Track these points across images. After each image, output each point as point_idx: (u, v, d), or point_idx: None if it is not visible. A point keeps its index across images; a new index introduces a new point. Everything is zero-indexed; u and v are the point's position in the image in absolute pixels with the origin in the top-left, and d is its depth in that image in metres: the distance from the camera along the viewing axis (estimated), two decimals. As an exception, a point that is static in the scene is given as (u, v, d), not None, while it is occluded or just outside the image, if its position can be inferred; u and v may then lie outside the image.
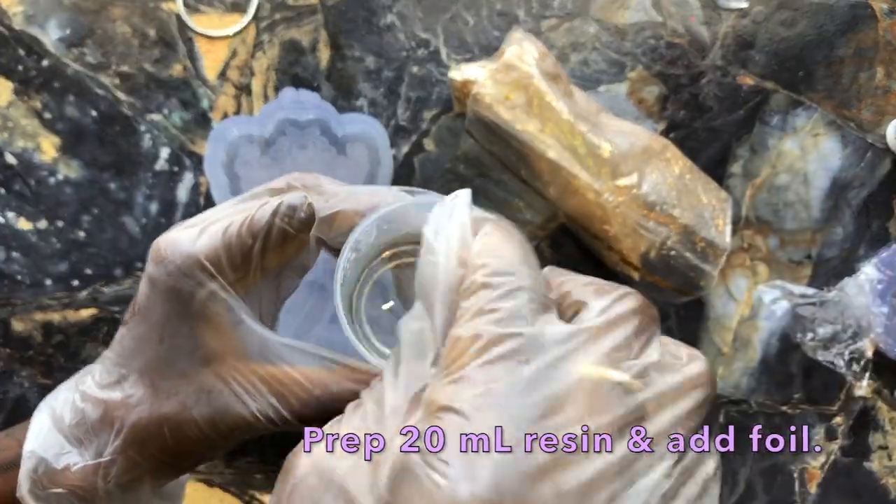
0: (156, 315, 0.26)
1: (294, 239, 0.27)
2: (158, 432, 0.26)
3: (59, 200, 0.51)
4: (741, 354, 0.52)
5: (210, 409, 0.26)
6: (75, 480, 0.26)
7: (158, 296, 0.26)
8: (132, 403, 0.26)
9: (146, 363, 0.26)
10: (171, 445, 0.26)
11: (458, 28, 0.53)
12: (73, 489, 0.26)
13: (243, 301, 0.27)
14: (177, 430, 0.26)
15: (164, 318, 0.26)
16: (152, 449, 0.26)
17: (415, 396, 0.19)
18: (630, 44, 0.54)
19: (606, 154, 0.46)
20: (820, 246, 0.53)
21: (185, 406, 0.26)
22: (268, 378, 0.26)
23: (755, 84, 0.54)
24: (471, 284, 0.19)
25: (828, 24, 0.55)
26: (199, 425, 0.26)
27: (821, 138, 0.54)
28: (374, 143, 0.49)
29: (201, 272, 0.25)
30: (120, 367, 0.27)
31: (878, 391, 0.52)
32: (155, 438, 0.26)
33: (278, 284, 0.29)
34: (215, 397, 0.26)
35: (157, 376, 0.26)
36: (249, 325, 0.26)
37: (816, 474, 0.52)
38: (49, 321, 0.51)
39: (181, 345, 0.26)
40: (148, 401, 0.26)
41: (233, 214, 0.27)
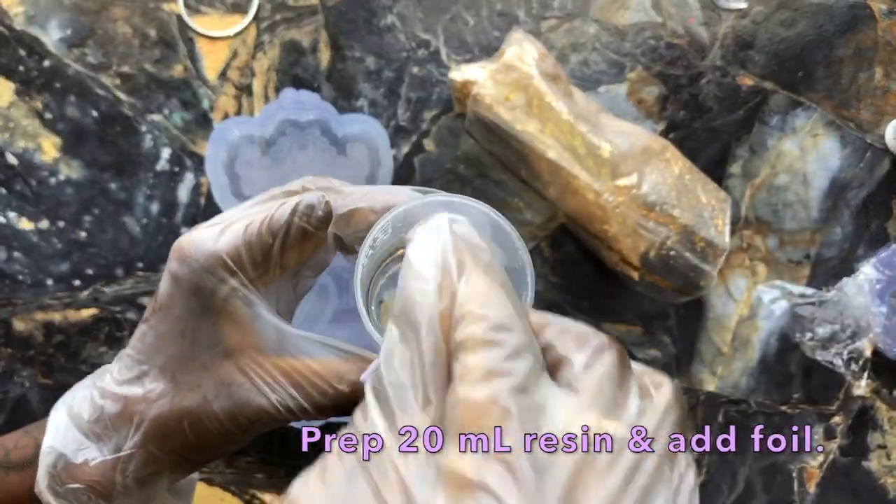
0: (178, 311, 0.27)
1: (312, 236, 0.27)
2: (178, 426, 0.26)
3: (59, 201, 0.51)
4: (740, 354, 0.52)
5: (230, 402, 0.26)
6: (94, 475, 0.27)
7: (181, 293, 0.27)
8: (152, 398, 0.26)
9: (168, 358, 0.27)
10: (191, 440, 0.27)
11: (458, 28, 0.54)
12: (92, 484, 0.27)
13: (263, 297, 0.27)
14: (197, 424, 0.26)
15: (186, 314, 0.27)
16: (172, 443, 0.27)
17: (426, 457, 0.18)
18: (630, 44, 0.54)
19: (606, 154, 0.46)
20: (819, 246, 0.53)
21: (206, 399, 0.26)
22: (287, 370, 0.27)
23: (755, 84, 0.54)
24: (468, 339, 0.19)
25: (827, 24, 0.55)
26: (220, 418, 0.26)
27: (820, 138, 0.54)
28: (374, 143, 0.49)
29: (223, 269, 0.26)
30: (140, 364, 0.27)
31: (877, 391, 0.53)
32: (175, 433, 0.26)
33: (296, 283, 0.30)
34: (235, 390, 0.26)
35: (179, 371, 0.27)
36: (269, 320, 0.27)
37: (815, 474, 0.52)
38: (50, 321, 0.51)
39: (203, 339, 0.27)
40: (169, 395, 0.26)
41: (253, 214, 0.28)
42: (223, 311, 0.26)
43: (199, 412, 0.26)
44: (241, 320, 0.27)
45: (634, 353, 0.52)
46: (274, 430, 0.48)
